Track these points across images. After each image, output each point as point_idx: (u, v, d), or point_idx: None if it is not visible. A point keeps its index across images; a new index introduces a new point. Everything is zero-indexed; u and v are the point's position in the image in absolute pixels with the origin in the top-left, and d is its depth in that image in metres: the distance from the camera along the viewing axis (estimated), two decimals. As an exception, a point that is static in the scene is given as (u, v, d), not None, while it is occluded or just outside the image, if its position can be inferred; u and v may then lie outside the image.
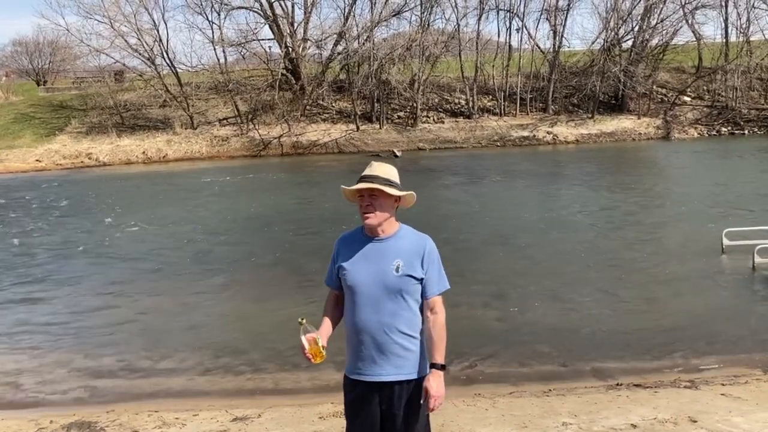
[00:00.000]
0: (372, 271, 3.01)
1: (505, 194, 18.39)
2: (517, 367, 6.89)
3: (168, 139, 32.20)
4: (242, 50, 36.43)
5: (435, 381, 2.99)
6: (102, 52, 35.28)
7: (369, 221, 3.02)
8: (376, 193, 3.02)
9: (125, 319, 8.91)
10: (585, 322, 8.09)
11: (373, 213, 3.01)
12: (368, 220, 3.02)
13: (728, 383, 5.98)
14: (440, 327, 3.07)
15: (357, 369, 3.05)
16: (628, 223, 13.72)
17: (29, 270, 11.81)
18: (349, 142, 32.07)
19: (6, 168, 28.64)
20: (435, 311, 3.08)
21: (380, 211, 3.02)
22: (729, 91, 34.65)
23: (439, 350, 3.04)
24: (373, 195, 3.01)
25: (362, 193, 3.03)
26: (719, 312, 8.30)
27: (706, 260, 10.48)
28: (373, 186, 3.01)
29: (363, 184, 3.03)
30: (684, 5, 34.92)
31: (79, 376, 7.09)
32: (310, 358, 2.98)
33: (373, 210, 3.01)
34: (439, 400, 2.99)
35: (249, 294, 9.85)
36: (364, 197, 3.02)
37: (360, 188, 3.03)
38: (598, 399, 5.64)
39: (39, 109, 35.77)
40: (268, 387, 6.69)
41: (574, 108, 35.25)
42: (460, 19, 35.97)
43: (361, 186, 3.03)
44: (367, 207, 3.01)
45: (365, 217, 3.02)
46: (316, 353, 2.98)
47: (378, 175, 3.05)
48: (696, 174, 21.22)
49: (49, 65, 52.42)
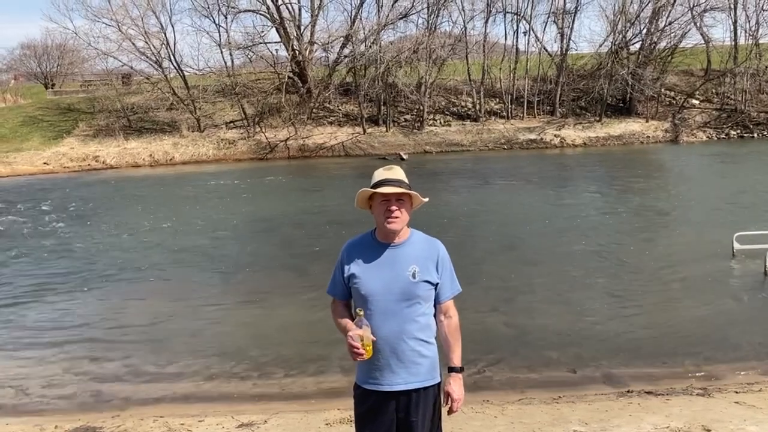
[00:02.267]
0: (387, 278, 2.94)
1: (513, 198, 18.29)
2: (526, 373, 6.81)
3: (175, 141, 32.24)
4: (249, 53, 36.46)
5: (456, 384, 3.00)
6: (109, 55, 35.42)
7: (394, 226, 2.95)
8: (403, 198, 2.96)
9: (131, 323, 8.88)
10: (595, 328, 8.01)
11: (399, 218, 2.95)
12: (393, 224, 2.94)
13: (741, 391, 5.89)
14: (455, 330, 3.07)
15: (372, 378, 2.98)
16: (637, 227, 13.61)
17: (35, 274, 11.80)
18: (356, 145, 32.04)
19: (14, 170, 28.73)
20: (449, 315, 3.07)
21: (404, 215, 2.97)
22: (738, 94, 34.45)
23: (456, 353, 3.04)
24: (399, 199, 2.95)
25: (389, 197, 2.94)
26: (731, 317, 8.20)
27: (717, 265, 10.38)
28: (402, 190, 2.94)
29: (391, 188, 2.93)
30: (692, 8, 34.75)
31: (85, 381, 7.06)
32: (362, 354, 2.84)
33: (399, 214, 2.95)
34: (460, 403, 3.02)
35: (255, 298, 9.79)
36: (390, 201, 2.93)
37: (389, 192, 2.93)
38: (609, 406, 5.56)
39: (47, 112, 35.91)
40: (274, 392, 6.64)
41: (582, 111, 35.11)
42: (467, 22, 35.94)
43: (390, 190, 2.92)
44: (394, 211, 2.93)
45: (390, 222, 2.94)
46: (369, 349, 2.87)
47: (401, 179, 2.98)
48: (705, 177, 21.06)
49: (58, 68, 52.63)
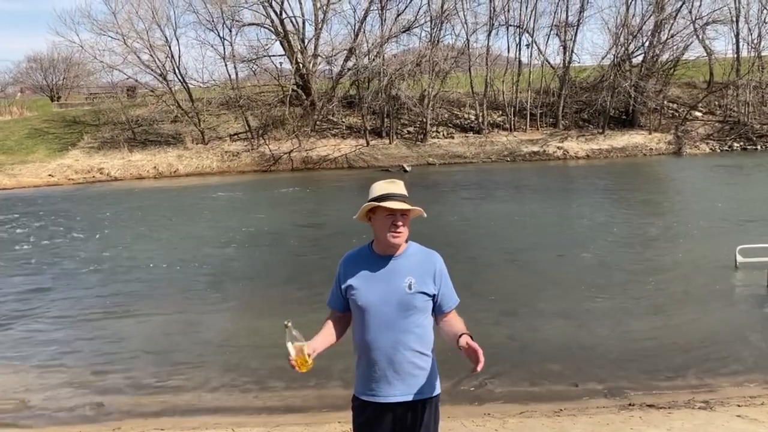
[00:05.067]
0: (383, 290, 2.98)
1: (516, 210, 18.29)
2: (527, 386, 6.79)
3: (179, 154, 32.37)
4: (253, 66, 36.67)
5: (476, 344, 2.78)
6: (115, 68, 35.68)
7: (398, 240, 3.01)
8: (407, 213, 3.01)
9: (132, 335, 8.89)
10: (596, 341, 7.98)
11: (403, 232, 3.01)
12: (397, 239, 3.00)
13: (744, 404, 5.86)
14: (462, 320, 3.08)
15: (369, 390, 3.00)
16: (640, 240, 13.58)
17: (36, 285, 11.83)
18: (359, 157, 32.12)
19: (19, 183, 28.88)
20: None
21: (407, 230, 3.03)
22: (741, 106, 34.44)
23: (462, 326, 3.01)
24: (404, 214, 3.00)
25: (395, 212, 2.98)
26: (733, 330, 8.16)
27: (720, 277, 10.35)
28: (409, 207, 2.99)
29: (398, 204, 2.97)
30: (695, 21, 34.84)
31: (86, 394, 7.05)
32: (295, 367, 2.83)
33: (403, 229, 3.01)
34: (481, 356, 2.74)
35: (256, 310, 9.80)
36: (396, 216, 2.98)
37: (398, 208, 2.97)
38: (611, 420, 5.54)
39: (52, 125, 36.12)
40: (275, 405, 6.62)
41: (585, 123, 35.14)
42: (469, 35, 36.03)
43: (397, 206, 2.96)
44: (400, 226, 2.99)
45: (395, 236, 2.99)
46: (302, 363, 2.82)
47: (404, 193, 3.04)
48: (708, 189, 21.02)
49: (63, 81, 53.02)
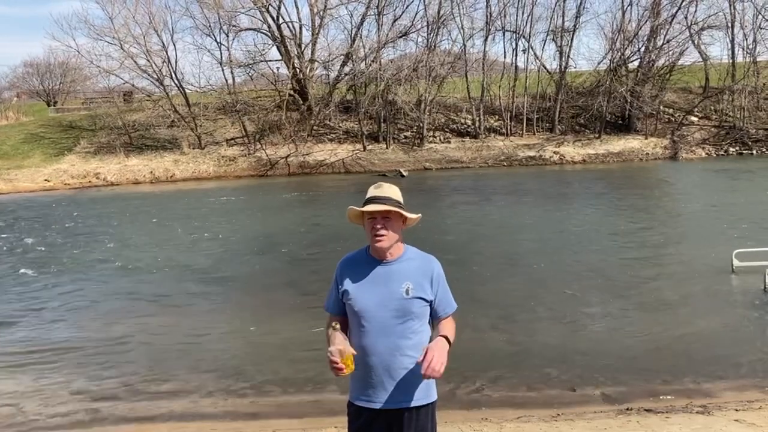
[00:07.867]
0: (380, 295, 2.93)
1: (512, 214, 18.29)
2: (524, 390, 6.76)
3: (175, 158, 32.36)
4: (250, 71, 36.77)
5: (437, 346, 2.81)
6: (111, 73, 35.70)
7: (381, 244, 2.94)
8: (390, 216, 2.94)
9: (127, 340, 8.83)
10: (594, 345, 7.96)
11: (386, 236, 2.93)
12: (380, 243, 2.93)
13: (742, 409, 5.84)
14: (452, 324, 3.05)
15: (365, 395, 2.97)
16: (637, 244, 13.58)
17: (31, 290, 11.77)
18: (356, 162, 32.14)
19: (15, 188, 28.82)
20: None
21: (392, 233, 2.95)
22: (736, 111, 34.62)
23: (450, 333, 2.96)
24: (386, 217, 2.93)
25: (374, 215, 2.93)
26: (731, 335, 8.15)
27: (717, 282, 10.34)
28: (387, 208, 2.92)
29: (376, 206, 2.92)
30: (690, 26, 35.05)
31: (81, 399, 6.99)
32: (342, 369, 2.79)
33: (385, 233, 2.93)
34: (436, 368, 2.72)
35: (253, 315, 9.75)
36: (376, 219, 2.92)
37: (374, 210, 2.91)
38: (608, 424, 5.51)
39: (49, 130, 36.08)
40: (271, 410, 6.58)
41: (581, 128, 35.24)
42: (466, 41, 36.22)
43: (375, 208, 2.91)
44: (380, 230, 2.92)
45: (377, 240, 2.93)
46: (348, 364, 2.81)
47: (389, 196, 2.96)
48: (704, 194, 21.06)
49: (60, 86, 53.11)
